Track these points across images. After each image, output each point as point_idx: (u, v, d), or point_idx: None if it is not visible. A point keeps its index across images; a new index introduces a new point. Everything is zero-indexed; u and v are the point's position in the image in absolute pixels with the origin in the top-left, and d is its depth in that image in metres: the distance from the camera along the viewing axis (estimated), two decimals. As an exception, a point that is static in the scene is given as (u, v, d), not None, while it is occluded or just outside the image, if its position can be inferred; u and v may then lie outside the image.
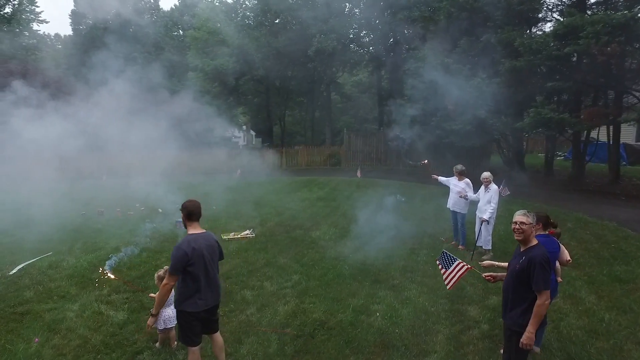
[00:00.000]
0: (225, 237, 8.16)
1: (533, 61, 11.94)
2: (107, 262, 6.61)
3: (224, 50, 29.60)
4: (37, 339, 4.41)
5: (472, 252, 7.02)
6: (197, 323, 3.43)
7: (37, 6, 39.42)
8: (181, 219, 8.46)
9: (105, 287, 5.74)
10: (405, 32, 20.65)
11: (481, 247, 7.15)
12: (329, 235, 8.39)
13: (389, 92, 24.32)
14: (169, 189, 13.23)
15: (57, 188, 13.35)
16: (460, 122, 13.96)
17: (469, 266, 3.55)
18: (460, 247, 7.59)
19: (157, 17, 40.76)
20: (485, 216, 6.88)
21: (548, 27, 15.49)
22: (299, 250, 7.39)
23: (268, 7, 26.86)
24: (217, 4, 32.92)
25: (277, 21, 28.35)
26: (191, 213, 3.49)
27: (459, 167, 7.71)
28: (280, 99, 31.84)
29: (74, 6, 39.60)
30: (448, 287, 3.63)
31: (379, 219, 9.42)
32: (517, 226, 3.07)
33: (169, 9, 42.96)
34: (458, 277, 3.56)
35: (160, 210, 10.85)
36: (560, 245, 3.99)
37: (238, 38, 28.46)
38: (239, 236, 8.24)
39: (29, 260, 6.83)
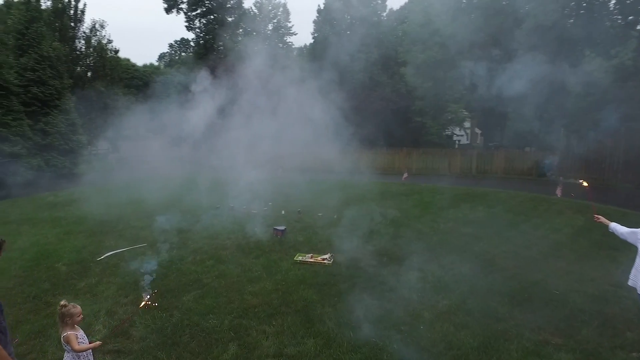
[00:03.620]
0: (298, 259, 6.87)
1: None
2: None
3: (435, 40, 27.58)
4: (16, 339, 4.38)
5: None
6: None
7: (289, 22, 47.26)
8: (280, 227, 7.25)
9: (121, 295, 5.46)
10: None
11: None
12: (426, 284, 5.88)
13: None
14: (311, 190, 12.90)
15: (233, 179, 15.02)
16: None
17: None
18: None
19: (387, 16, 42.09)
20: None
21: None
22: (360, 299, 5.34)
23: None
24: None
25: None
26: None
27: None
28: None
29: (317, 16, 45.10)
30: None
31: (515, 273, 6.19)
32: None
33: (398, 7, 43.49)
34: None
35: (282, 212, 10.48)
36: None
37: (451, 26, 25.91)
38: (312, 260, 6.79)
39: (123, 248, 7.43)
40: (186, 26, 39.87)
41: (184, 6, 39.23)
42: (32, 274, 6.25)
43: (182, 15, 39.24)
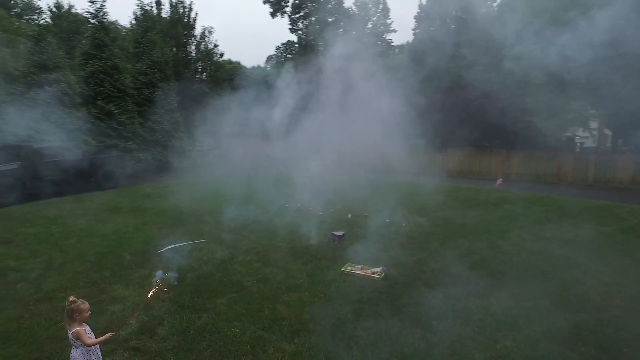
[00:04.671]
0: (347, 269, 6.34)
1: None
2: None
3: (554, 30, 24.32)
4: (62, 323, 4.69)
5: None
6: None
7: (389, 18, 46.45)
8: (338, 233, 7.51)
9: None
10: None
11: None
12: (487, 316, 4.89)
13: None
14: (387, 193, 12.18)
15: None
16: None
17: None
18: None
19: (497, 7, 38.64)
20: None
21: None
22: (400, 325, 4.63)
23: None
24: None
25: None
26: None
27: None
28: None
29: (418, 11, 43.37)
30: None
31: (615, 317, 4.83)
32: None
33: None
34: None
35: (349, 216, 10.01)
36: None
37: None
38: (361, 272, 6.20)
39: (184, 242, 7.70)
40: (290, 28, 41.59)
41: (288, 10, 40.99)
42: (101, 260, 6.80)
43: (286, 18, 41.18)
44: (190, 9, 29.82)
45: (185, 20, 29.66)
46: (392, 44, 48.42)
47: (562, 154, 18.19)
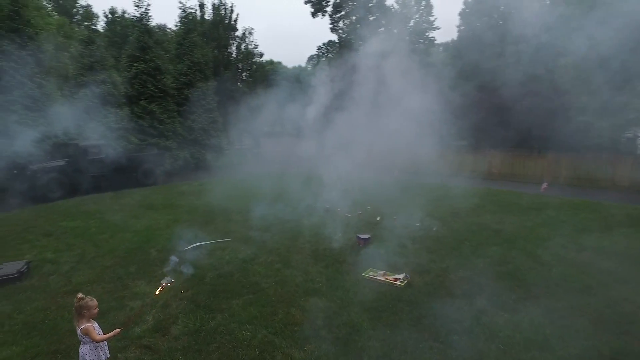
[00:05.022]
0: (368, 274, 6.11)
1: None
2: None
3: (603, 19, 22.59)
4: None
5: None
6: None
7: (432, 15, 45.28)
8: (364, 236, 7.32)
9: (182, 289, 5.60)
10: None
11: None
12: (515, 333, 4.51)
13: None
14: (420, 195, 11.78)
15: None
16: None
17: None
18: None
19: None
20: None
21: None
22: (418, 337, 4.37)
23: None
24: None
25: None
26: None
27: None
28: None
29: (462, 7, 41.81)
30: None
31: None
32: None
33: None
34: None
35: (378, 218, 9.74)
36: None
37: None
38: (383, 278, 5.94)
39: (208, 241, 7.78)
40: (330, 28, 41.50)
41: (328, 9, 40.88)
42: (129, 256, 7.01)
43: (327, 18, 41.11)
44: (232, 11, 30.51)
45: (227, 21, 30.35)
46: (435, 41, 46.97)
47: (619, 156, 16.75)
